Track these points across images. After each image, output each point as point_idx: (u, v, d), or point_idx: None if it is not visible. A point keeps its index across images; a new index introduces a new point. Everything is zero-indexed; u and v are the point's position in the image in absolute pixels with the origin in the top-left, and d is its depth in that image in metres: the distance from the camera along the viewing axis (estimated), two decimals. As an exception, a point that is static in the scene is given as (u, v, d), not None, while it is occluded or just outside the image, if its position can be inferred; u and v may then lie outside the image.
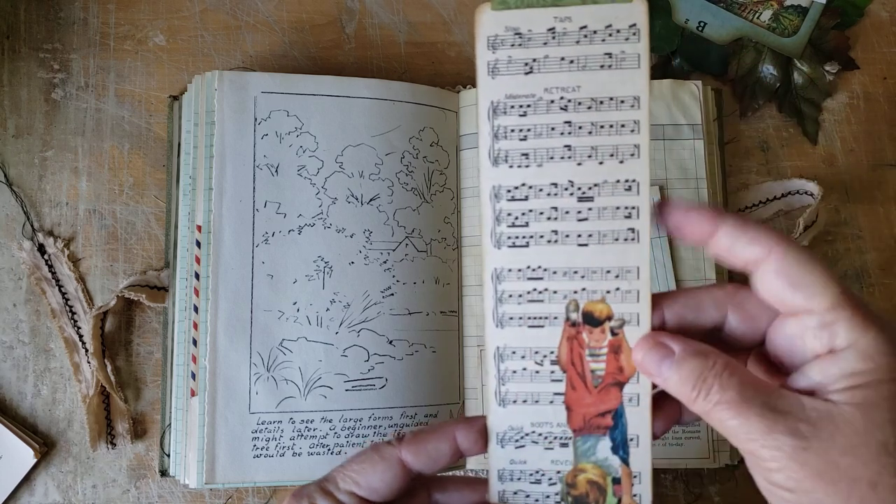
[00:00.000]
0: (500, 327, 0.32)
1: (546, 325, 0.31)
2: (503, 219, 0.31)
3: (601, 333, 0.31)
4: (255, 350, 0.45)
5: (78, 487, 0.48)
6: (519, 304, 0.32)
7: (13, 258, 0.50)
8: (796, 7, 0.54)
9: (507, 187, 0.31)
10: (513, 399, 0.32)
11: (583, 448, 0.32)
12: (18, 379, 0.49)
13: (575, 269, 0.31)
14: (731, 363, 0.29)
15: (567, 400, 0.32)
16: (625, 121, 0.30)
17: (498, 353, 0.32)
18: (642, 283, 0.31)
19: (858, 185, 0.54)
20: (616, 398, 0.31)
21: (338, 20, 0.54)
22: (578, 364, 0.31)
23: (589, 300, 0.31)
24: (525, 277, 0.31)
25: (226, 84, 0.47)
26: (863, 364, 0.27)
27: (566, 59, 0.30)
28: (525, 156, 0.31)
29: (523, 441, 0.32)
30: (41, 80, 0.52)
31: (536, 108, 0.31)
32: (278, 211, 0.46)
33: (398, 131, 0.49)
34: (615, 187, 0.31)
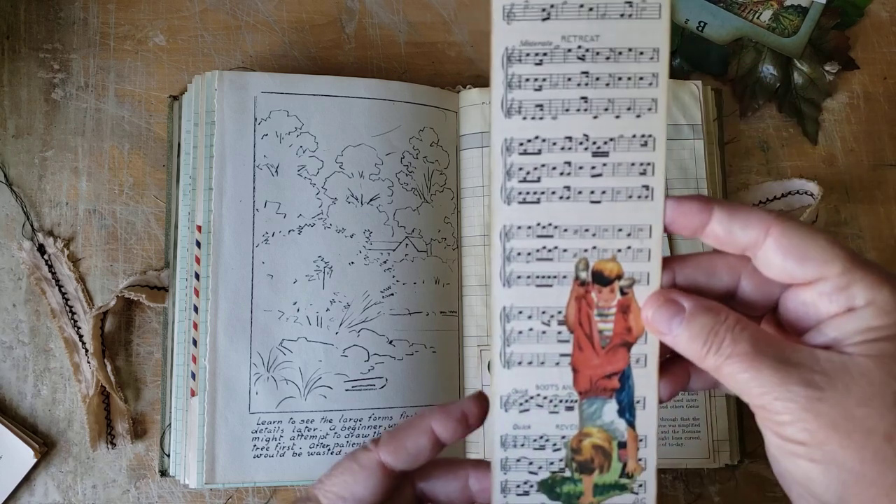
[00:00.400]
0: (508, 286, 0.31)
1: (554, 285, 0.31)
2: (514, 173, 0.30)
3: (610, 293, 0.30)
4: (255, 350, 0.45)
5: (78, 487, 0.48)
6: (527, 263, 0.31)
7: (13, 258, 0.50)
8: (796, 7, 0.54)
9: (519, 140, 0.30)
10: (518, 360, 0.31)
11: (588, 411, 0.31)
12: (18, 379, 0.49)
13: (586, 226, 0.30)
14: (742, 318, 0.29)
15: (574, 361, 0.31)
16: (643, 73, 0.29)
17: (504, 313, 0.31)
18: (654, 242, 0.30)
19: (858, 185, 0.54)
20: (623, 359, 0.31)
21: (338, 20, 0.54)
22: (586, 324, 0.31)
23: (599, 259, 0.30)
24: (535, 235, 0.30)
25: (226, 84, 0.47)
26: (881, 319, 0.27)
27: (585, 5, 0.29)
28: (539, 107, 0.30)
29: (528, 405, 0.31)
30: (41, 80, 0.52)
31: (553, 57, 0.29)
32: (278, 211, 0.46)
33: (398, 131, 0.49)
34: (631, 142, 0.30)
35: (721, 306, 0.29)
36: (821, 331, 0.28)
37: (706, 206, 0.29)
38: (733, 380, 0.28)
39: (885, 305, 0.27)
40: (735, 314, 0.29)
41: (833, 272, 0.28)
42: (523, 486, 0.32)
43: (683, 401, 0.48)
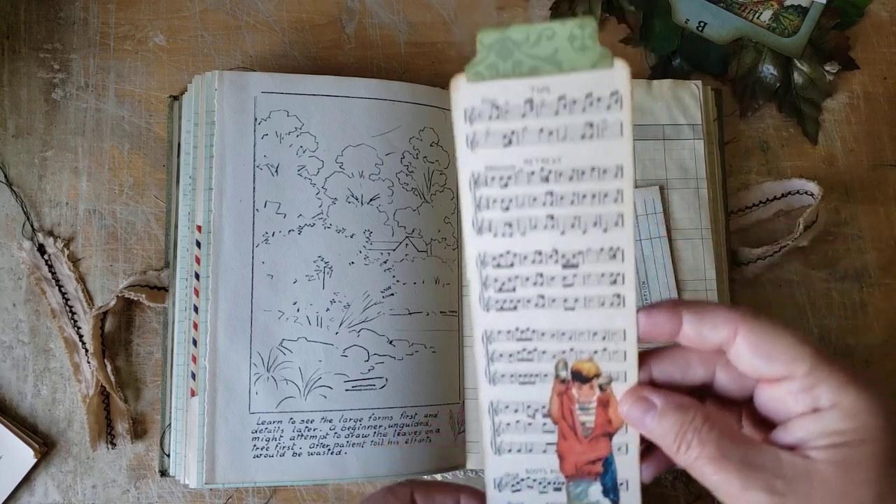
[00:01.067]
0: (493, 384, 0.32)
1: (537, 382, 0.32)
2: (490, 284, 0.31)
3: (590, 389, 0.32)
4: (255, 350, 0.45)
5: (78, 487, 0.48)
6: (510, 363, 0.32)
7: (13, 258, 0.50)
8: (796, 7, 0.54)
9: (492, 255, 0.31)
10: (508, 448, 0.33)
11: (575, 492, 0.33)
12: (18, 379, 0.49)
13: (562, 330, 0.31)
14: (712, 416, 0.29)
15: (559, 449, 0.33)
16: (608, 190, 0.30)
17: (492, 407, 0.33)
18: (629, 343, 0.31)
19: (858, 185, 0.54)
20: (606, 447, 0.32)
21: (338, 20, 0.54)
22: (569, 417, 0.32)
23: (577, 359, 0.31)
24: (514, 339, 0.32)
25: (226, 84, 0.47)
26: (845, 423, 0.27)
27: (545, 130, 0.29)
28: (508, 225, 0.31)
29: (519, 486, 0.33)
30: (41, 80, 0.52)
31: (517, 180, 0.30)
32: (278, 211, 0.46)
33: (398, 131, 0.49)
34: (599, 255, 0.30)
35: (691, 404, 0.30)
36: (788, 429, 0.29)
37: (675, 313, 0.30)
38: (703, 479, 0.29)
39: (850, 409, 0.27)
40: (704, 412, 0.30)
41: (799, 372, 0.28)
42: None
43: (683, 401, 0.48)
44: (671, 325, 0.30)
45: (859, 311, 0.52)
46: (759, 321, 0.29)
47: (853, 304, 0.52)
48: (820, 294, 0.52)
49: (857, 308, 0.52)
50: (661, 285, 0.48)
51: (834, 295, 0.52)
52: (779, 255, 0.51)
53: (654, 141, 0.50)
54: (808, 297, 0.52)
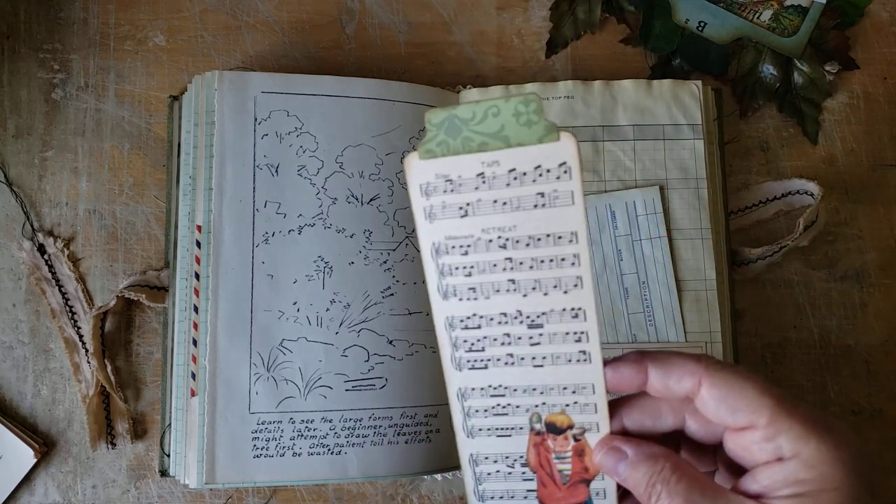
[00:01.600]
0: (471, 437, 0.33)
1: (513, 434, 0.33)
2: (460, 345, 0.32)
3: (564, 440, 0.33)
4: (255, 350, 0.45)
5: (78, 488, 0.48)
6: (485, 418, 0.33)
7: (13, 258, 0.50)
8: (796, 7, 0.54)
9: (459, 317, 0.32)
10: (490, 496, 0.34)
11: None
12: (18, 379, 0.49)
13: (533, 386, 0.32)
14: (681, 466, 0.30)
15: (540, 495, 0.34)
16: (564, 255, 0.30)
17: (472, 459, 0.34)
18: (598, 396, 0.32)
19: (859, 185, 0.54)
20: (584, 493, 0.33)
21: (338, 20, 0.54)
22: (547, 466, 0.33)
23: (550, 413, 0.32)
24: (488, 395, 0.33)
25: (226, 84, 0.47)
26: (805, 473, 0.28)
27: (499, 201, 0.30)
28: (472, 290, 0.31)
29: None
30: (41, 81, 0.52)
31: (476, 248, 0.31)
32: (278, 211, 0.46)
33: (398, 131, 0.49)
34: (562, 315, 0.31)
35: (661, 453, 0.31)
36: (755, 477, 0.30)
37: (640, 366, 0.31)
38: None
39: (810, 459, 0.28)
40: (673, 462, 0.31)
41: (761, 422, 0.29)
42: None
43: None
44: (637, 378, 0.31)
45: (859, 311, 0.52)
46: (722, 372, 0.30)
47: (853, 304, 0.52)
48: (820, 294, 0.52)
49: (857, 308, 0.52)
50: (660, 285, 0.48)
51: (834, 295, 0.52)
52: (779, 255, 0.51)
53: (654, 141, 0.50)
54: (808, 297, 0.52)
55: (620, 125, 0.50)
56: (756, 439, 0.29)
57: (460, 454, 0.34)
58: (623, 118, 0.50)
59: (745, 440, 0.30)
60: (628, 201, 0.49)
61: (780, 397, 0.29)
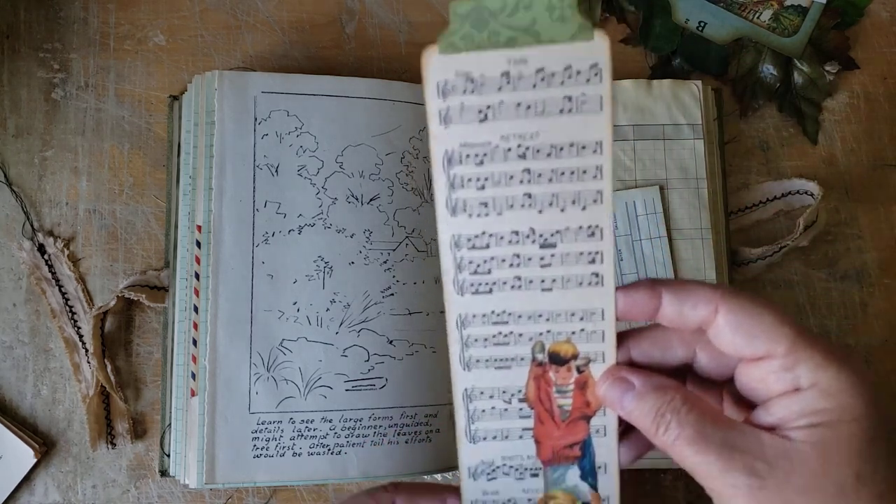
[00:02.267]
0: (468, 370, 0.32)
1: (513, 366, 0.31)
2: (465, 266, 0.30)
3: (567, 371, 0.31)
4: (255, 350, 0.45)
5: (78, 487, 0.48)
6: (485, 348, 0.31)
7: (13, 258, 0.50)
8: (796, 7, 0.54)
9: (467, 236, 0.30)
10: (483, 436, 0.33)
11: (553, 477, 0.32)
12: (18, 379, 0.49)
13: (539, 312, 0.31)
14: (691, 397, 0.29)
15: (536, 434, 0.32)
16: (587, 167, 0.29)
17: (466, 394, 0.32)
18: (607, 323, 0.30)
19: (859, 185, 0.54)
20: (584, 430, 0.32)
21: (338, 20, 0.54)
22: (546, 401, 0.32)
23: (554, 341, 0.31)
24: (490, 322, 0.31)
25: (226, 84, 0.47)
26: (824, 402, 0.27)
27: (522, 104, 0.28)
28: (484, 205, 0.30)
29: (494, 473, 0.33)
30: (41, 80, 0.52)
31: (493, 157, 0.29)
32: (278, 211, 0.46)
33: (398, 131, 0.48)
34: (578, 233, 0.30)
35: (670, 384, 0.30)
36: (769, 409, 0.29)
37: (654, 291, 0.30)
38: (682, 461, 0.29)
39: (829, 388, 0.27)
40: (684, 393, 0.29)
41: (779, 350, 0.28)
42: None
43: (683, 401, 0.48)
44: (650, 303, 0.30)
45: (859, 311, 0.52)
46: (739, 299, 0.29)
47: (853, 304, 0.52)
48: (820, 294, 0.52)
49: (857, 308, 0.52)
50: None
51: (834, 295, 0.52)
52: (779, 255, 0.51)
53: (654, 141, 0.50)
54: (808, 297, 0.52)
55: (620, 125, 0.50)
56: (773, 369, 0.28)
57: (454, 390, 0.32)
58: (623, 118, 0.50)
59: (760, 371, 0.29)
60: (628, 201, 0.49)
61: (800, 327, 0.28)
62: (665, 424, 0.29)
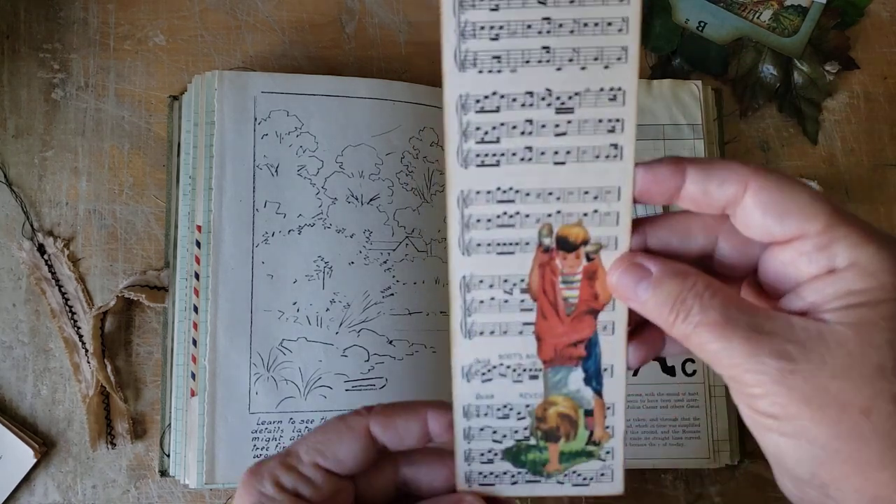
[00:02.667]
0: (467, 255, 0.29)
1: (517, 252, 0.29)
2: (471, 133, 0.27)
3: (576, 259, 0.29)
4: (254, 350, 0.45)
5: (78, 488, 0.48)
6: (487, 230, 0.28)
7: (13, 258, 0.50)
8: (796, 7, 0.54)
9: (475, 97, 0.27)
10: (479, 330, 0.30)
11: (553, 380, 0.30)
12: (18, 379, 0.49)
13: (549, 189, 0.28)
14: (714, 283, 0.27)
15: (537, 330, 0.30)
16: (612, 18, 0.26)
17: (464, 283, 0.29)
18: (623, 204, 0.28)
19: (859, 185, 0.54)
20: (590, 327, 0.29)
21: (338, 20, 0.54)
22: (550, 292, 0.29)
23: (564, 224, 0.28)
24: (495, 200, 0.28)
25: (226, 84, 0.47)
26: (863, 282, 0.25)
27: None
28: (497, 59, 0.27)
29: (490, 374, 0.30)
30: (41, 80, 0.52)
31: (511, 2, 0.26)
32: (278, 211, 0.46)
33: (398, 131, 0.48)
34: (598, 96, 0.27)
35: (691, 270, 0.27)
36: (799, 294, 0.26)
37: (678, 167, 0.27)
38: (702, 350, 0.26)
39: (868, 266, 0.25)
40: (706, 278, 0.27)
41: (814, 229, 0.26)
42: (487, 454, 0.31)
43: (684, 400, 0.48)
44: (673, 180, 0.27)
45: (859, 310, 0.52)
46: (772, 175, 0.26)
47: (853, 303, 0.52)
48: (820, 294, 0.52)
49: (857, 308, 0.52)
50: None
51: (834, 295, 0.52)
52: (779, 255, 0.51)
53: (655, 141, 0.50)
54: (808, 297, 0.52)
55: (620, 125, 0.50)
56: (806, 249, 0.26)
57: (451, 278, 0.29)
58: (623, 118, 0.50)
59: (792, 253, 0.26)
60: (628, 201, 0.49)
61: (836, 205, 0.26)
62: (686, 311, 0.26)
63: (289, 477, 0.30)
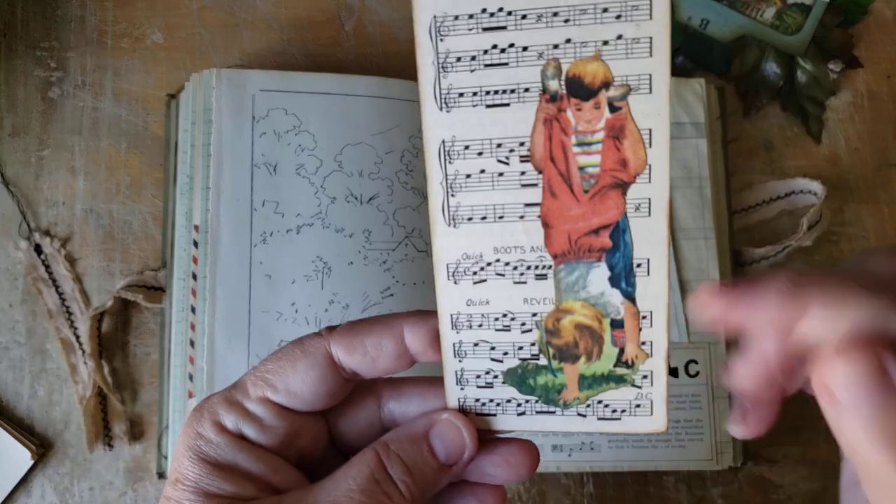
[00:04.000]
0: (446, 109, 0.22)
1: (513, 103, 0.22)
2: None
3: (595, 109, 0.21)
4: (252, 351, 0.44)
5: (75, 490, 0.47)
6: (472, 72, 0.21)
7: (9, 258, 0.49)
8: (800, 5, 0.54)
9: None
10: (467, 216, 0.23)
11: (568, 280, 0.23)
12: (15, 380, 0.48)
13: (554, 7, 0.21)
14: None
15: (545, 212, 0.23)
16: None
17: (444, 150, 0.22)
18: (656, 24, 0.20)
19: (863, 184, 0.53)
20: (616, 206, 0.22)
21: (337, 17, 0.54)
22: (561, 158, 0.22)
23: (577, 58, 0.21)
24: (480, 27, 0.21)
25: (223, 82, 0.46)
26: None
27: None
28: None
29: (484, 274, 0.23)
30: (38, 79, 0.51)
31: None
32: (276, 210, 0.46)
33: (398, 130, 0.48)
34: None
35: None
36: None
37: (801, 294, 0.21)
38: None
39: None
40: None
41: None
42: (485, 376, 0.25)
43: (686, 402, 0.48)
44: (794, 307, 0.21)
45: (863, 311, 0.52)
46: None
47: (857, 304, 0.52)
48: (824, 294, 0.52)
49: (861, 308, 0.52)
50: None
51: (838, 295, 0.52)
52: (782, 255, 0.50)
53: (657, 140, 0.49)
54: (811, 298, 0.52)
55: (622, 123, 0.50)
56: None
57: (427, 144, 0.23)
58: (625, 116, 0.50)
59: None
60: (630, 201, 0.49)
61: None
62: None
63: (232, 415, 0.25)
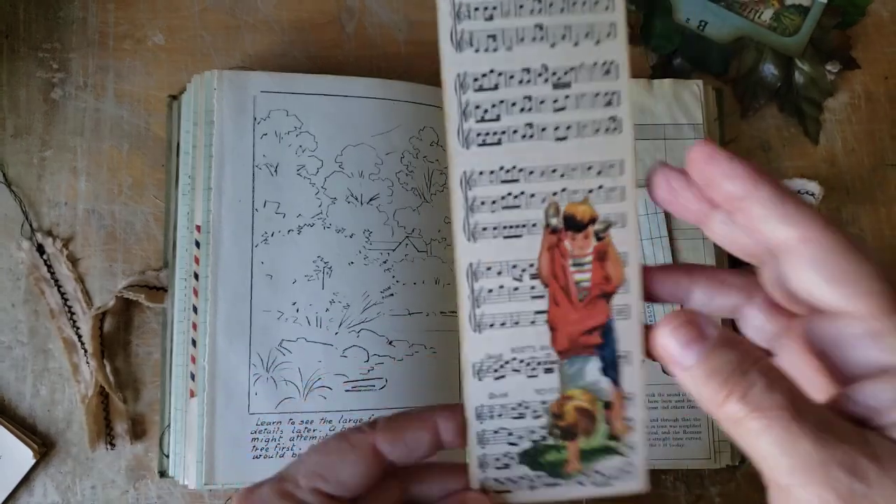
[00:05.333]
0: (473, 240, 0.28)
1: (524, 235, 0.28)
2: (471, 112, 0.28)
3: (585, 239, 0.28)
4: (254, 351, 0.45)
5: (77, 488, 0.48)
6: (493, 212, 0.28)
7: (12, 258, 0.49)
8: (797, 6, 0.54)
9: (473, 75, 0.27)
10: (490, 322, 0.29)
11: (570, 372, 0.29)
12: (17, 379, 0.48)
13: (553, 166, 0.28)
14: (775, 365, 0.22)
15: (550, 318, 0.29)
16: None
17: (471, 271, 0.28)
18: (627, 178, 0.28)
19: (860, 185, 0.53)
20: (604, 311, 0.28)
21: (338, 19, 0.54)
22: (561, 276, 0.28)
23: (570, 202, 0.28)
24: (498, 180, 0.28)
25: (225, 83, 0.46)
26: None
27: None
28: (492, 38, 0.27)
29: (503, 370, 0.29)
30: (40, 80, 0.52)
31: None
32: (277, 211, 0.46)
33: (398, 131, 0.48)
34: (593, 71, 0.27)
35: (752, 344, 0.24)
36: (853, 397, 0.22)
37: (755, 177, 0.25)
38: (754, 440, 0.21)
39: None
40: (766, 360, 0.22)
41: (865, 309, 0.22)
42: (503, 458, 0.30)
43: (684, 401, 0.48)
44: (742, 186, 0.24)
45: (861, 311, 0.52)
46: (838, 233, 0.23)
47: (854, 304, 0.52)
48: (821, 294, 0.52)
49: (858, 308, 0.52)
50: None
51: (835, 295, 0.52)
52: (780, 256, 0.50)
53: (655, 141, 0.50)
54: (809, 298, 0.52)
55: (621, 125, 0.50)
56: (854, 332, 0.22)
57: (458, 268, 0.29)
58: (624, 118, 0.50)
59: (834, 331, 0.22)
60: (629, 201, 0.49)
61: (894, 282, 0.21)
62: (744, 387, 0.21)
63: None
